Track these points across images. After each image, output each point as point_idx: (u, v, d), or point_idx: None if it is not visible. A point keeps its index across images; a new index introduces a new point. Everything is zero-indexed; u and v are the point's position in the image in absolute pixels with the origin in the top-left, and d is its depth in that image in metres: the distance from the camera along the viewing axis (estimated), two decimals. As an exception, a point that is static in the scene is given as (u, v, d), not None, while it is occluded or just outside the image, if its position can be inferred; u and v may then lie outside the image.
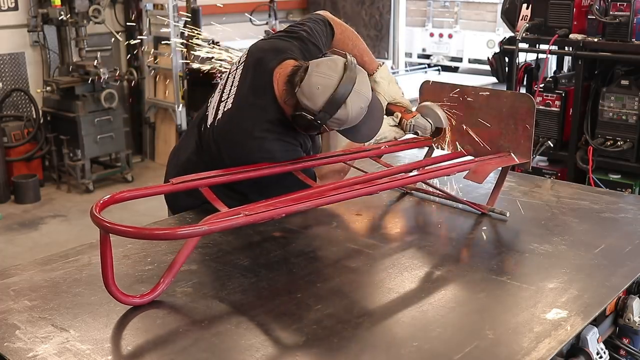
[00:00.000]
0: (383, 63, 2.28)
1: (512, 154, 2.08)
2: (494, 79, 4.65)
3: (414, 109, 2.23)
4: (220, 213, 1.60)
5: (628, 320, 1.72)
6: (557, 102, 3.66)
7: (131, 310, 1.51)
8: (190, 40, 5.34)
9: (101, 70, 5.64)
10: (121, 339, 1.41)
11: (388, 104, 2.21)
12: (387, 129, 2.16)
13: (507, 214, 2.06)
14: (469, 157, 2.17)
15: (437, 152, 2.31)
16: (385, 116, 2.11)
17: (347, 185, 1.80)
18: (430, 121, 2.17)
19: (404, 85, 2.36)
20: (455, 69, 10.62)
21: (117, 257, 1.72)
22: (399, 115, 2.20)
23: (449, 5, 11.32)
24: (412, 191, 2.29)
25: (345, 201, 2.05)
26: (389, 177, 1.91)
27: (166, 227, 1.47)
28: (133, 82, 6.26)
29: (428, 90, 2.28)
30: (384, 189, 1.86)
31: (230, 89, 2.03)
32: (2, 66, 5.87)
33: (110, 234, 1.44)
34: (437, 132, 2.20)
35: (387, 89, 2.23)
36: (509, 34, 3.92)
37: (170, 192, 1.78)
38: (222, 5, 6.30)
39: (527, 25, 3.60)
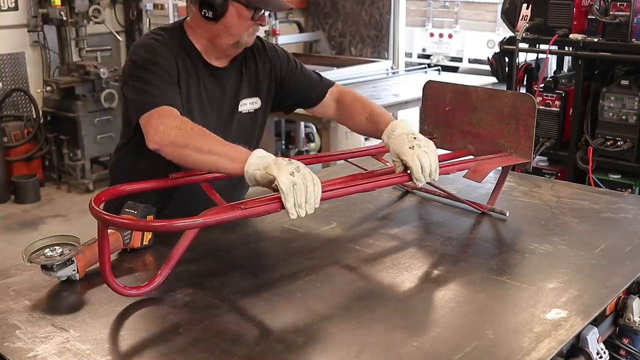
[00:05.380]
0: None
1: (512, 153, 2.08)
2: (494, 79, 4.64)
3: None
4: (217, 207, 1.61)
5: (628, 320, 1.72)
6: (557, 102, 3.65)
7: (131, 310, 1.51)
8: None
9: (101, 70, 5.64)
10: (121, 339, 1.41)
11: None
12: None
13: (507, 214, 2.06)
14: (469, 156, 2.17)
15: (439, 152, 2.31)
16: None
17: (345, 181, 1.80)
18: None
19: (404, 85, 2.34)
20: (455, 69, 10.63)
21: (117, 254, 1.72)
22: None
23: (449, 5, 11.35)
24: (414, 190, 2.29)
25: (345, 201, 2.07)
26: (387, 175, 1.91)
27: (163, 220, 1.48)
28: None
29: (431, 90, 2.29)
30: (381, 185, 1.85)
31: None
32: (2, 66, 5.87)
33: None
34: None
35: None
36: (509, 34, 3.92)
37: (169, 186, 1.82)
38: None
39: (527, 25, 3.60)
